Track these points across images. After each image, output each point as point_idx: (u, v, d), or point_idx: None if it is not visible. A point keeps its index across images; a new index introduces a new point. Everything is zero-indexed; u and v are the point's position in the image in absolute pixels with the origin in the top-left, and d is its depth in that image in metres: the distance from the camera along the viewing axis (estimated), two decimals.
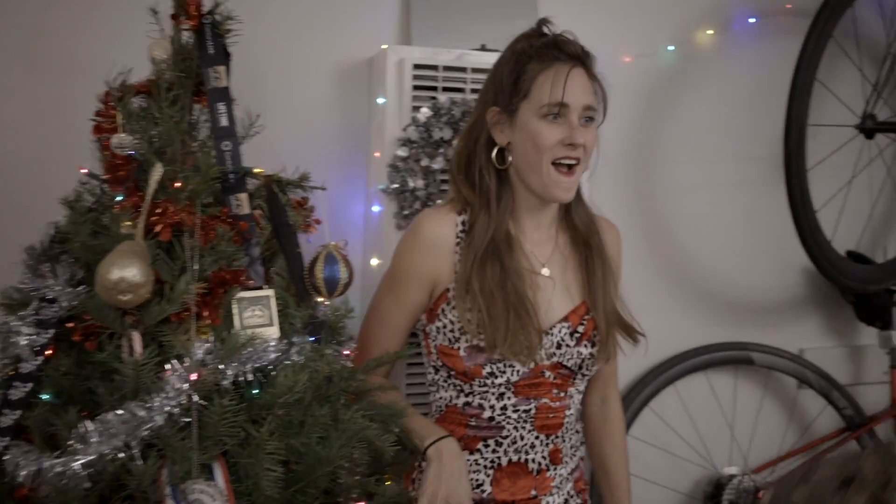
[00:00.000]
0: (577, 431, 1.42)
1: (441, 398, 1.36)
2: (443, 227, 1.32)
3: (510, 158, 1.30)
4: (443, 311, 1.31)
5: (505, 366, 1.28)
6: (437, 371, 1.35)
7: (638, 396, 1.97)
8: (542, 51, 1.28)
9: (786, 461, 2.04)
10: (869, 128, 1.86)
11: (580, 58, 1.29)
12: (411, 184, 1.61)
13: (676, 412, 2.03)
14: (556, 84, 1.27)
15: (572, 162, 1.28)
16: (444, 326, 1.31)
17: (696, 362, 2.01)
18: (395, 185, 1.61)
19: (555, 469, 1.35)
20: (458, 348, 1.29)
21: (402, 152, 1.61)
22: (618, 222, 1.46)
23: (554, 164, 1.27)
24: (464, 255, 1.30)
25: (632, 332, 1.37)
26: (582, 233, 1.38)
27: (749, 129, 2.04)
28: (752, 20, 2.04)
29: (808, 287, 2.14)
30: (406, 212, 1.62)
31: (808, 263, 2.07)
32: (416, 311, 1.35)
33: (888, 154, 2.10)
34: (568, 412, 1.35)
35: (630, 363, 1.97)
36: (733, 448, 2.08)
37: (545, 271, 1.34)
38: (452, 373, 1.31)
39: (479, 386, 1.30)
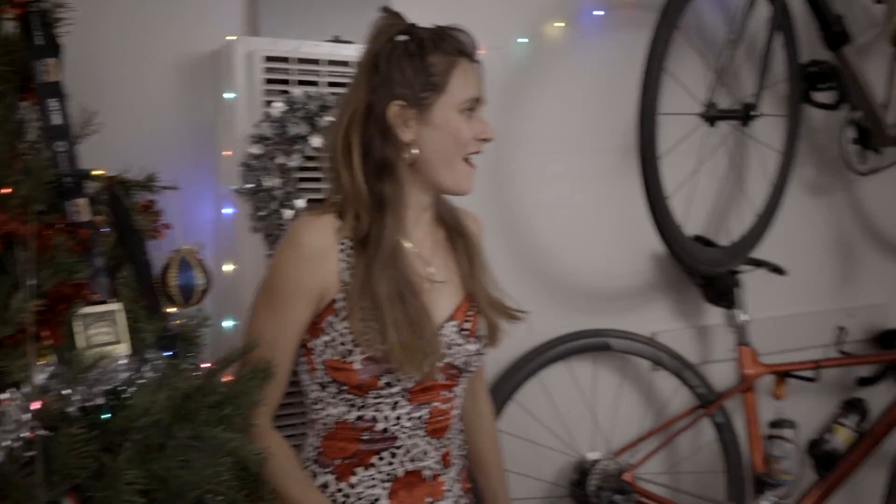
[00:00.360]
0: (460, 431, 1.40)
1: (329, 416, 1.28)
2: (325, 235, 1.23)
3: (409, 155, 1.24)
4: (330, 323, 1.24)
5: (402, 374, 1.23)
6: (323, 388, 1.27)
7: (502, 390, 1.97)
8: (442, 44, 1.25)
9: (645, 441, 2.10)
10: (711, 115, 1.93)
11: (475, 51, 1.28)
12: (267, 183, 1.53)
13: (540, 403, 2.05)
14: (471, 79, 1.26)
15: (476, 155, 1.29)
16: (333, 340, 1.23)
17: (557, 352, 2.03)
18: (250, 185, 1.52)
19: (446, 473, 1.33)
20: (352, 361, 1.22)
21: (256, 150, 1.52)
22: (477, 215, 1.45)
23: (464, 158, 1.27)
24: (356, 261, 1.23)
25: (513, 313, 1.38)
26: (452, 226, 1.37)
27: (601, 119, 2.08)
28: (598, 13, 2.08)
29: (658, 272, 2.21)
30: (262, 213, 1.54)
31: (658, 249, 2.14)
32: (305, 328, 1.26)
33: (731, 141, 2.20)
34: (454, 412, 1.33)
35: (493, 357, 1.97)
36: (596, 433, 2.12)
37: (431, 270, 1.30)
38: (344, 387, 1.24)
39: (374, 398, 1.24)
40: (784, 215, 2.33)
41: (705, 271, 2.04)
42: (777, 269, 2.22)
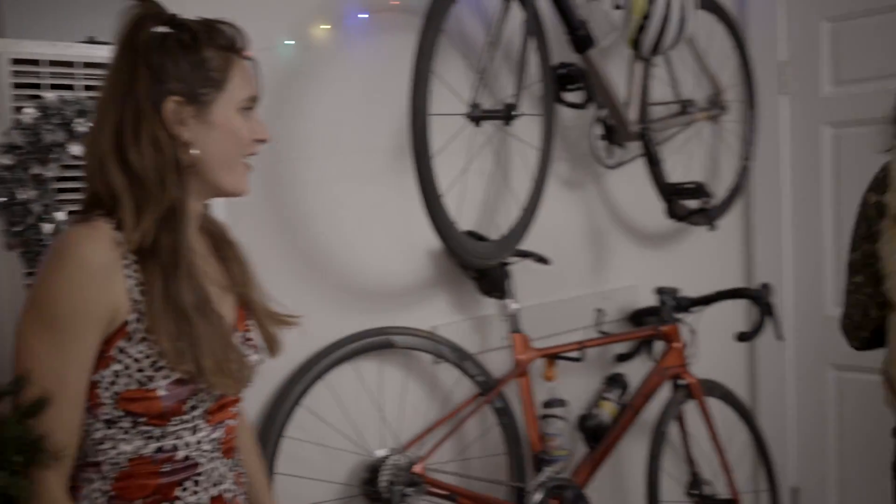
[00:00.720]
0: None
1: (120, 454, 1.15)
2: (107, 249, 1.10)
3: (187, 156, 1.16)
4: (121, 349, 1.12)
5: (206, 394, 1.15)
6: (111, 424, 1.14)
7: (289, 396, 1.95)
8: (217, 38, 1.19)
9: (431, 433, 2.16)
10: (476, 116, 2.02)
11: (248, 47, 1.24)
12: (22, 195, 1.41)
13: (328, 405, 2.04)
14: (248, 76, 1.21)
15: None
16: (127, 368, 1.12)
17: (343, 353, 2.04)
18: (3, 199, 1.40)
19: (241, 493, 1.29)
20: (156, 388, 1.11)
21: (7, 160, 1.40)
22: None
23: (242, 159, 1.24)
24: (145, 276, 1.12)
25: (288, 320, 1.35)
26: (217, 234, 1.33)
27: (372, 120, 2.11)
28: (362, 16, 2.11)
29: (434, 268, 2.28)
30: (18, 228, 1.42)
31: (433, 246, 2.21)
32: (93, 362, 1.12)
33: (497, 140, 2.30)
34: (237, 428, 1.29)
35: (277, 364, 1.94)
36: (385, 430, 2.15)
37: (212, 279, 1.25)
38: (142, 419, 1.13)
39: (175, 425, 1.15)
40: (544, 208, 2.48)
41: (479, 265, 2.12)
42: (542, 259, 2.36)
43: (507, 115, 2.03)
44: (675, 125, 2.69)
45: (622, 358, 2.72)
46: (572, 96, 2.50)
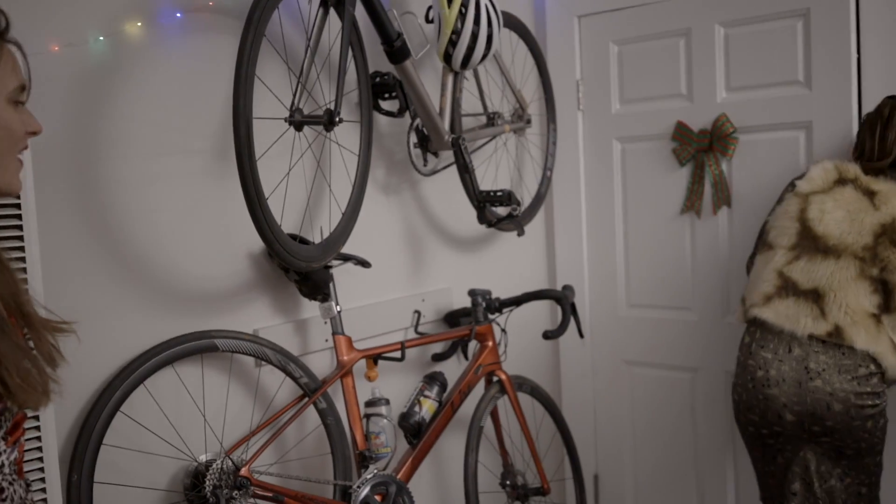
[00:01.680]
0: None
1: None
2: None
3: None
4: None
5: (10, 413, 1.07)
6: None
7: (107, 403, 1.89)
8: None
9: (256, 435, 2.16)
10: (297, 121, 2.06)
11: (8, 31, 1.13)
12: None
13: (149, 411, 2.00)
14: (16, 64, 1.13)
15: None
16: None
17: (163, 357, 2.01)
18: None
19: None
20: None
21: None
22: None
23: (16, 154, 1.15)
24: None
25: (61, 326, 1.21)
26: None
27: (190, 122, 2.10)
28: (178, 15, 2.09)
29: (256, 271, 2.29)
30: None
31: (255, 249, 2.22)
32: None
33: (317, 145, 2.34)
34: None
35: (92, 370, 1.89)
36: (209, 435, 2.13)
37: None
38: None
39: None
40: (364, 213, 2.55)
41: (303, 268, 2.16)
42: (363, 263, 2.43)
43: (328, 121, 2.08)
44: (484, 136, 2.84)
45: (439, 357, 2.84)
46: (388, 105, 2.60)
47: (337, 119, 2.08)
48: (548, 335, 2.72)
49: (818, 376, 2.23)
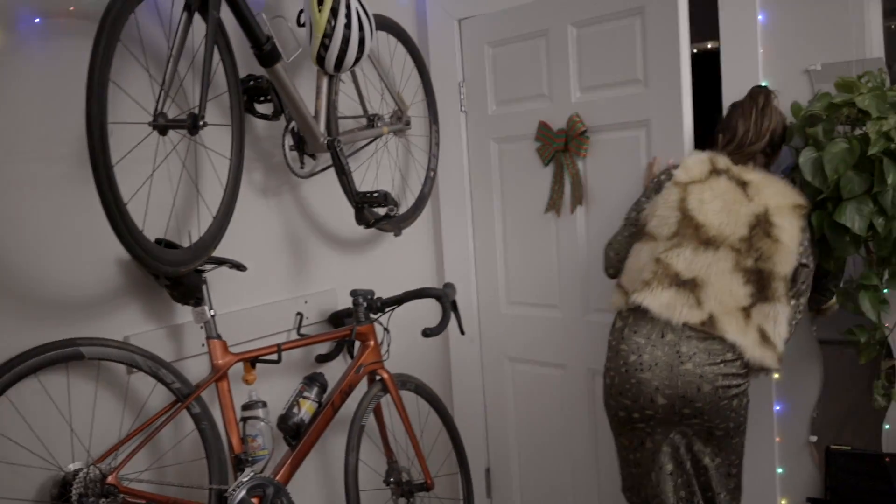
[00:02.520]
0: None
1: None
2: None
3: None
4: None
5: None
6: None
7: None
8: None
9: (126, 443, 2.14)
10: (161, 125, 2.05)
11: None
12: None
13: (12, 421, 1.97)
14: None
15: None
16: None
17: (25, 367, 1.97)
18: None
19: None
20: None
21: None
22: None
23: None
24: None
25: None
26: None
27: (52, 128, 2.07)
28: (37, 20, 2.06)
29: (126, 277, 2.27)
30: None
31: (123, 254, 2.20)
32: None
33: (181, 148, 2.33)
34: None
35: None
36: (75, 444, 2.10)
37: None
38: None
39: None
40: (242, 216, 2.57)
41: (169, 273, 2.15)
42: (238, 266, 2.43)
43: (192, 124, 2.08)
44: (363, 138, 2.87)
45: (323, 359, 2.85)
46: (264, 108, 2.61)
47: (201, 123, 2.08)
48: (427, 333, 2.76)
49: (689, 360, 2.33)
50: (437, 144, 3.25)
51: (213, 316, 2.33)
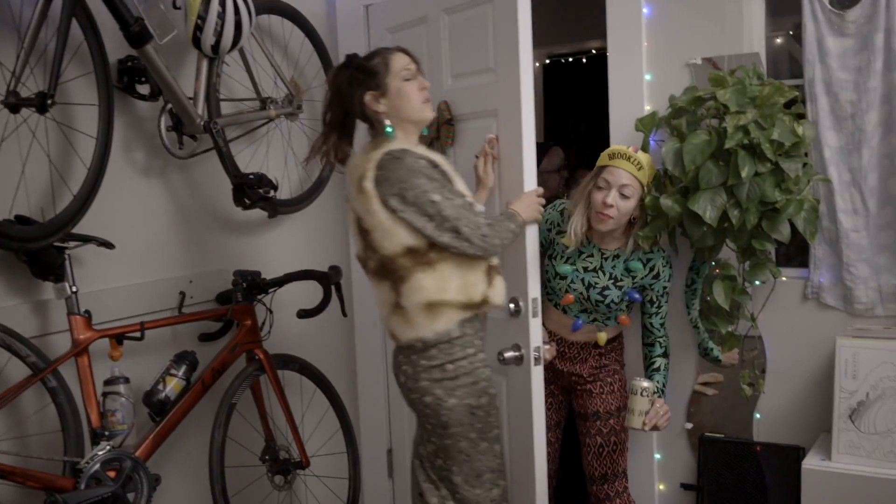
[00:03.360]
0: None
1: None
2: None
3: None
4: None
5: None
6: None
7: None
8: None
9: None
10: (11, 103, 2.09)
11: None
12: None
13: None
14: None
15: None
16: None
17: None
18: None
19: None
20: None
21: None
22: None
23: None
24: None
25: None
26: None
27: None
28: None
29: None
30: None
31: None
32: None
33: (32, 122, 2.34)
34: None
35: None
36: None
37: None
38: None
39: None
40: (124, 196, 2.61)
41: (19, 248, 2.18)
42: (105, 244, 2.46)
43: (41, 103, 2.11)
44: (249, 120, 2.89)
45: (207, 338, 2.88)
46: (144, 88, 2.64)
47: (49, 102, 2.12)
48: (301, 314, 2.80)
49: None
50: None
51: (74, 292, 2.37)
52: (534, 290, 2.45)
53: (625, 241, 2.65)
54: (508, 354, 2.46)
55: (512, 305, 2.45)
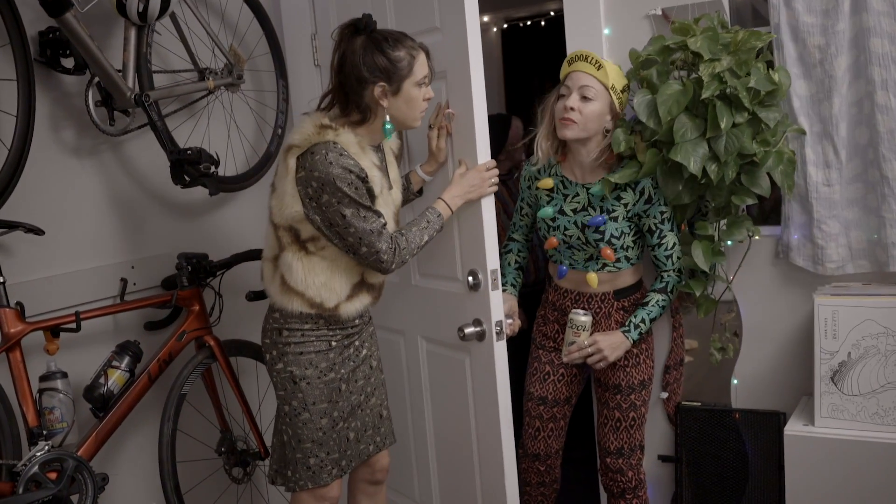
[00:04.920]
0: None
1: None
2: None
3: None
4: None
5: None
6: None
7: None
8: None
9: None
10: None
11: None
12: None
13: None
14: None
15: None
16: None
17: None
18: None
19: None
20: None
21: None
22: None
23: None
24: None
25: None
26: None
27: None
28: None
29: None
30: None
31: None
32: None
33: None
34: None
35: None
36: None
37: None
38: None
39: None
40: (53, 178, 2.44)
41: None
42: (34, 230, 2.29)
43: None
44: (190, 92, 2.72)
45: (153, 326, 2.72)
46: (68, 62, 2.45)
47: None
48: (251, 296, 2.65)
49: None
50: (286, 101, 3.10)
51: (2, 283, 2.20)
52: (492, 261, 2.29)
53: (608, 169, 2.46)
54: (469, 330, 2.31)
55: (470, 278, 2.31)
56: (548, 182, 2.52)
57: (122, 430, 2.49)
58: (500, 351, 2.31)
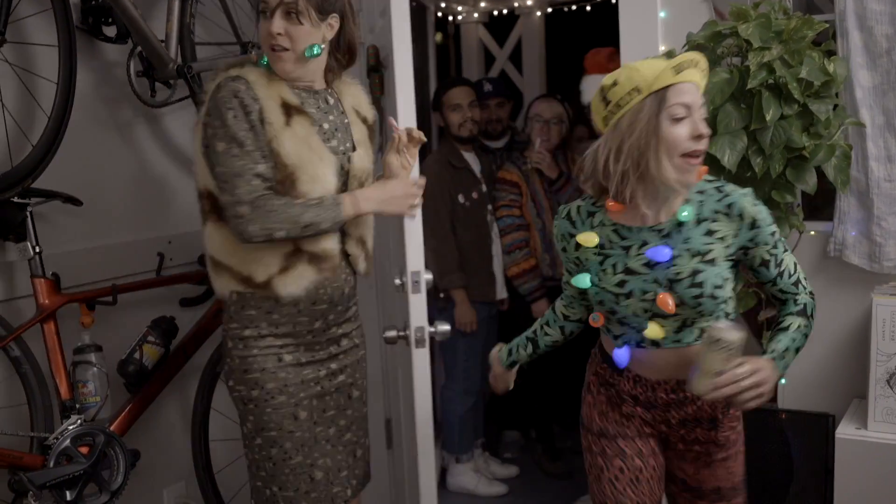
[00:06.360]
0: None
1: None
2: None
3: None
4: None
5: None
6: None
7: None
8: None
9: None
10: None
11: None
12: None
13: None
14: None
15: None
16: None
17: None
18: None
19: None
20: None
21: None
22: None
23: None
24: None
25: None
26: None
27: None
28: None
29: None
30: None
31: None
32: None
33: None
34: None
35: None
36: None
37: None
38: None
39: None
40: (92, 148, 2.40)
41: None
42: (72, 200, 2.26)
43: None
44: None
45: (189, 303, 2.68)
46: (110, 31, 2.41)
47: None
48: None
49: None
50: None
51: (38, 253, 2.17)
52: (414, 263, 2.12)
53: (680, 196, 1.73)
54: (388, 334, 2.19)
55: (397, 280, 2.22)
56: (591, 238, 1.78)
57: (153, 406, 2.46)
58: (421, 359, 2.16)
